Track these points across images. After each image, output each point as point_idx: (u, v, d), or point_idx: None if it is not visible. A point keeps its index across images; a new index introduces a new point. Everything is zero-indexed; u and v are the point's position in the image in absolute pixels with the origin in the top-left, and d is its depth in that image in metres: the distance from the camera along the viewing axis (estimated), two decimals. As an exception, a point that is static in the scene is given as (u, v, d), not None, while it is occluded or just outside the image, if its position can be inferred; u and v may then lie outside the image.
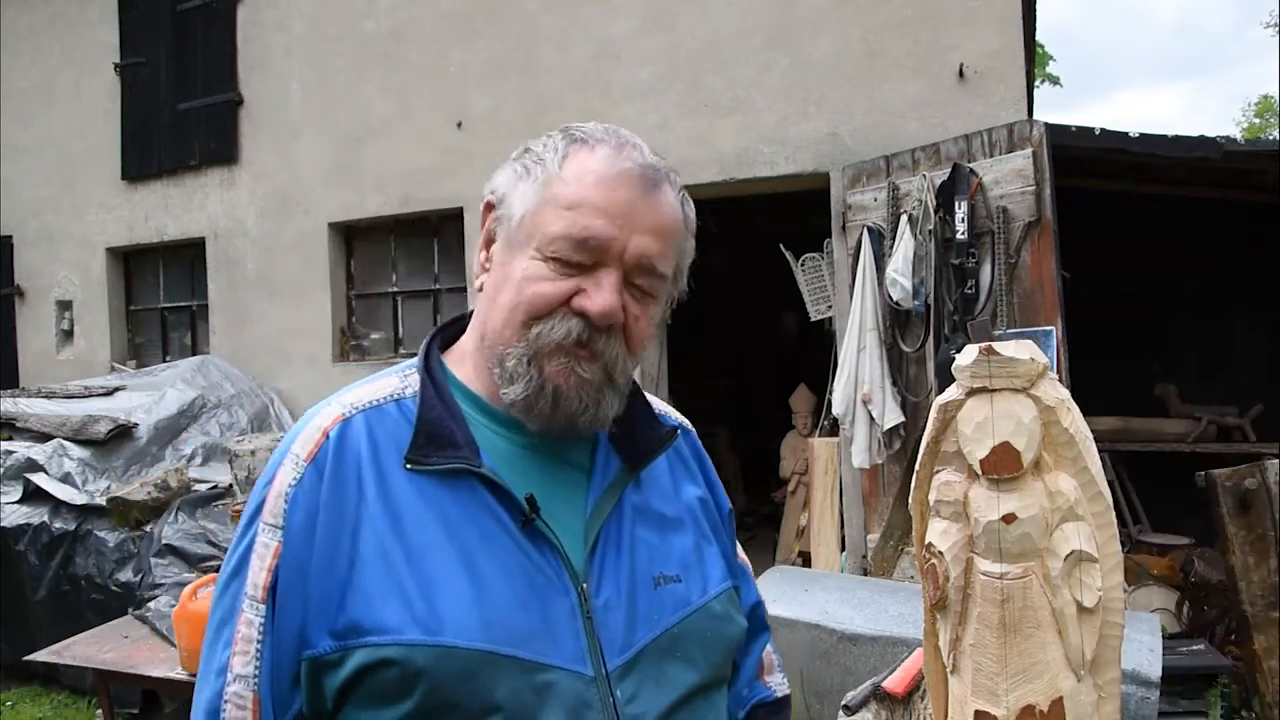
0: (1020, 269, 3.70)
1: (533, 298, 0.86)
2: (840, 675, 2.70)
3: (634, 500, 0.95)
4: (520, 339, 0.86)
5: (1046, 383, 0.88)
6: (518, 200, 0.89)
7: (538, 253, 0.86)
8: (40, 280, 7.45)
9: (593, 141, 0.90)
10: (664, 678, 0.88)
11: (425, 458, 0.84)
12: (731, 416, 7.86)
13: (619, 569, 0.89)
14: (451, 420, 0.87)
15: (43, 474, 4.58)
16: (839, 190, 4.48)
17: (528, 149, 0.93)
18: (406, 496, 0.83)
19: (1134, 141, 3.88)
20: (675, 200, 0.93)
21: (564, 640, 0.82)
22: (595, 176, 0.87)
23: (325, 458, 0.84)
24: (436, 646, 0.77)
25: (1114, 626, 0.87)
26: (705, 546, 0.99)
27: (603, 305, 0.85)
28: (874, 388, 4.02)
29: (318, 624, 0.79)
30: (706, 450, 1.13)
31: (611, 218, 0.86)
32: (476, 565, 0.82)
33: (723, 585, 0.98)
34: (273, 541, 0.81)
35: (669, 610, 0.90)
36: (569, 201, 0.86)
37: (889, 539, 3.98)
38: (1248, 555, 3.29)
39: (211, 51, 6.63)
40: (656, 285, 0.91)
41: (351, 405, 0.88)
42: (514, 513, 0.85)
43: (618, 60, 5.27)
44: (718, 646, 0.95)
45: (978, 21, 4.42)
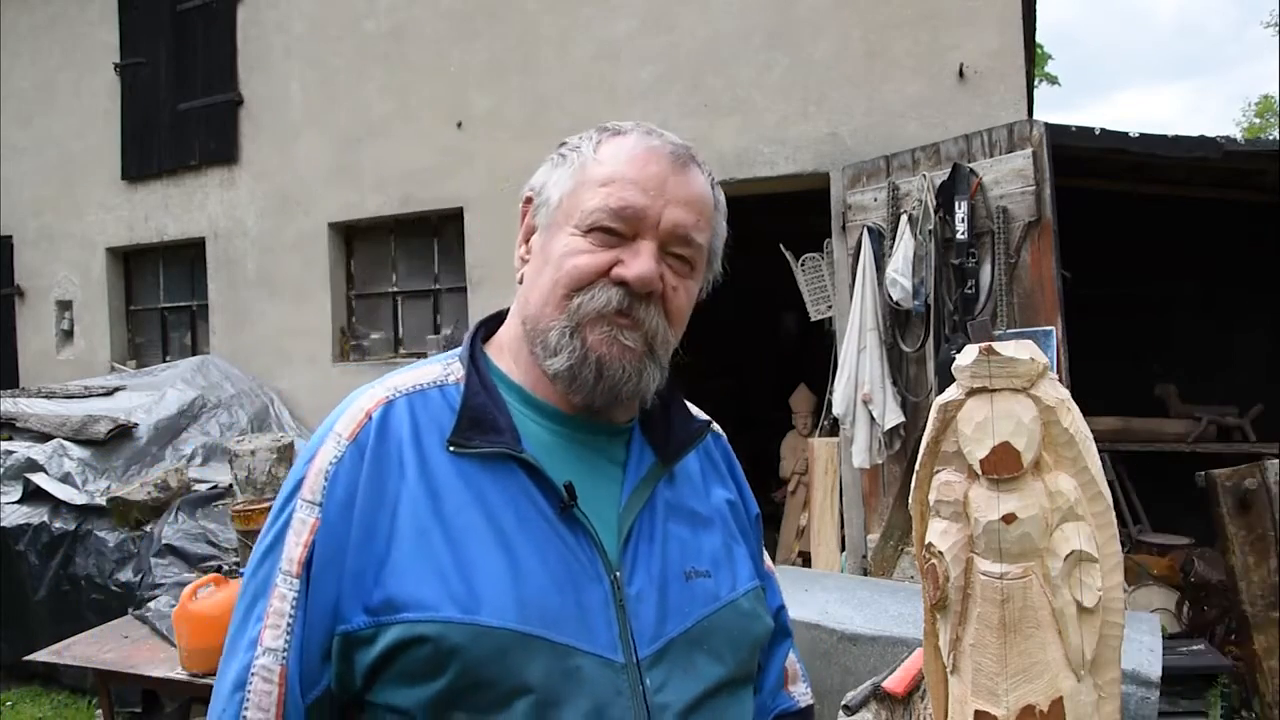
0: (1020, 269, 3.70)
1: (572, 269, 0.88)
2: (840, 675, 2.69)
3: (666, 496, 0.97)
4: (562, 311, 0.89)
5: (1046, 383, 0.88)
6: (554, 186, 0.93)
7: (576, 229, 0.89)
8: (40, 280, 7.45)
9: (624, 130, 0.94)
10: (692, 669, 0.89)
11: (468, 441, 0.86)
12: (731, 417, 7.81)
13: (651, 561, 0.91)
14: (494, 407, 0.89)
15: (43, 474, 4.58)
16: (839, 190, 4.48)
17: (563, 143, 0.97)
18: (447, 478, 0.85)
19: (1134, 141, 3.88)
20: (705, 179, 0.96)
21: (597, 627, 0.84)
22: (628, 154, 0.91)
23: (368, 437, 0.85)
24: (472, 625, 0.78)
25: (1114, 626, 0.87)
26: (734, 546, 1.01)
27: (640, 271, 0.87)
28: (874, 388, 4.02)
29: (353, 600, 0.80)
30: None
31: (645, 189, 0.89)
32: (514, 548, 0.83)
33: (751, 583, 1.00)
34: (310, 518, 0.82)
35: (699, 604, 0.92)
36: (604, 178, 0.89)
37: (889, 539, 3.98)
38: (1248, 555, 3.29)
39: (211, 51, 6.63)
40: (694, 256, 0.93)
41: (395, 388, 0.90)
42: (552, 499, 0.87)
43: (618, 60, 5.27)
44: (745, 643, 0.96)
45: (978, 21, 4.42)
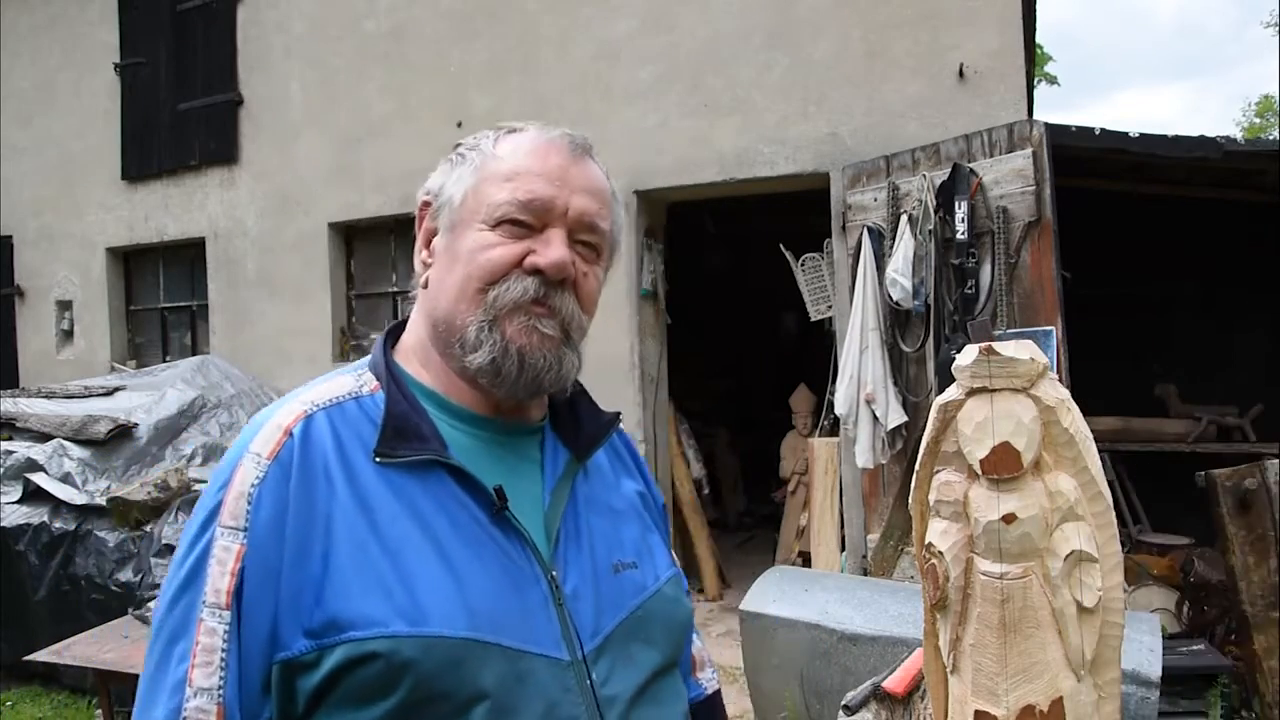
0: (1020, 269, 3.70)
1: (485, 262, 0.88)
2: (840, 675, 2.69)
3: (584, 491, 0.98)
4: (478, 306, 0.88)
5: (1046, 383, 0.88)
6: (455, 185, 0.93)
7: (484, 224, 0.89)
8: (40, 280, 7.45)
9: (521, 128, 0.95)
10: (632, 659, 0.91)
11: (394, 450, 0.84)
12: (731, 417, 7.86)
13: (581, 558, 0.92)
14: (416, 415, 0.88)
15: (43, 474, 4.58)
16: (839, 190, 4.48)
17: (459, 144, 0.97)
18: (377, 490, 0.83)
19: (1134, 141, 3.88)
20: (601, 170, 0.97)
21: (541, 627, 0.84)
22: (529, 148, 0.92)
23: (291, 454, 0.82)
24: (423, 637, 0.77)
25: (1114, 626, 0.87)
26: (650, 536, 1.04)
27: (554, 258, 0.88)
28: (877, 388, 4.02)
29: (290, 624, 0.78)
30: (707, 451, 1.17)
31: (550, 180, 0.90)
32: (452, 556, 0.82)
33: (670, 571, 1.03)
34: (234, 544, 0.79)
35: (629, 595, 0.94)
36: (508, 173, 0.90)
37: (889, 539, 3.98)
38: (1248, 555, 3.28)
39: (211, 51, 6.63)
40: (599, 242, 0.95)
41: (312, 403, 0.88)
42: (482, 504, 0.86)
43: (618, 61, 5.27)
44: (674, 628, 0.99)
45: (978, 21, 4.42)
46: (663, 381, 5.58)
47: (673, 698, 0.98)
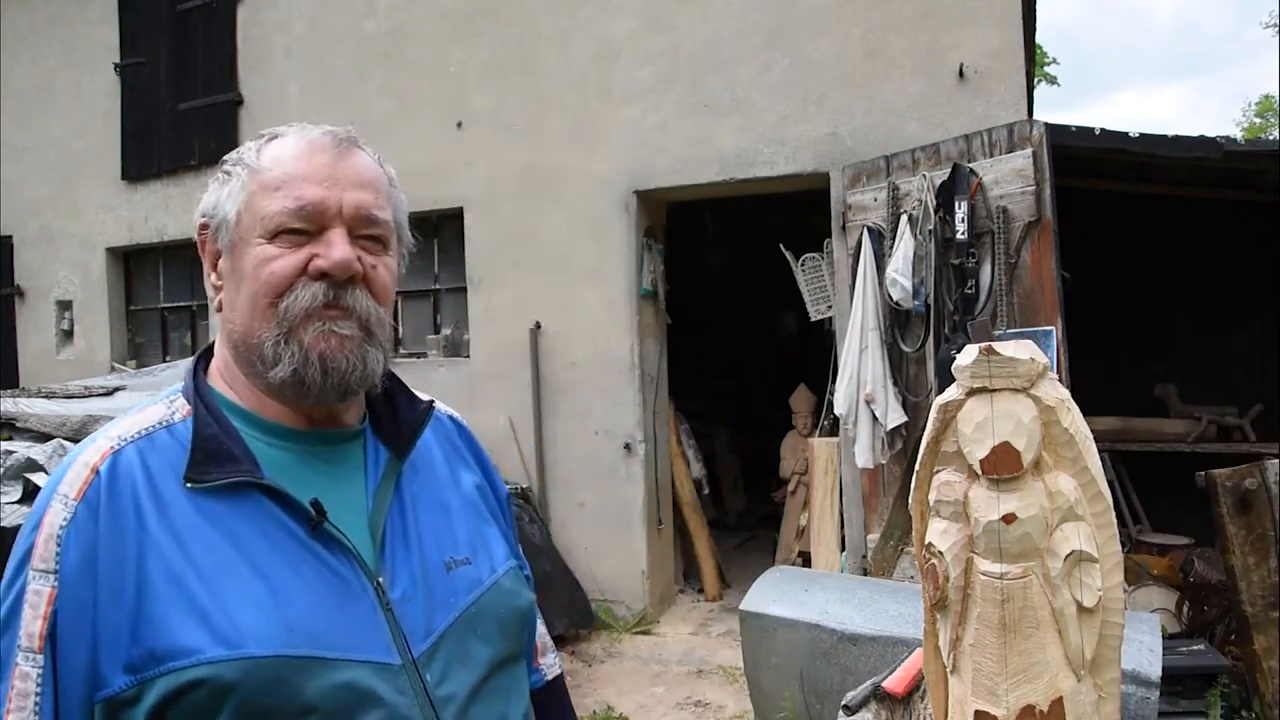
0: (1020, 269, 3.70)
1: (269, 275, 0.88)
2: (840, 675, 2.69)
3: (412, 489, 0.98)
4: (269, 320, 0.88)
5: (1046, 383, 0.88)
6: (227, 204, 0.92)
7: (262, 238, 0.89)
8: (40, 280, 7.44)
9: (281, 133, 0.94)
10: (468, 657, 0.92)
11: (205, 475, 0.85)
12: (731, 417, 7.86)
13: (410, 559, 0.92)
14: (226, 436, 0.88)
15: (43, 474, 4.58)
16: (839, 190, 4.48)
17: (223, 161, 0.96)
18: (190, 518, 0.83)
19: (1134, 141, 3.88)
20: (373, 159, 0.97)
21: (367, 635, 0.85)
22: (292, 153, 0.91)
23: (98, 493, 0.82)
24: (241, 659, 0.78)
25: (1114, 626, 0.87)
26: (486, 529, 1.05)
27: (336, 258, 0.88)
28: (876, 388, 4.02)
29: (109, 661, 0.78)
30: (707, 451, 1.17)
31: (318, 181, 0.89)
32: (270, 576, 0.83)
33: (509, 563, 1.04)
34: (45, 587, 0.79)
35: (463, 591, 0.95)
36: (276, 182, 0.89)
37: (889, 539, 3.98)
38: (1248, 555, 3.28)
39: (211, 51, 6.63)
40: (383, 233, 0.94)
41: (119, 438, 0.87)
42: (300, 520, 0.87)
43: (618, 60, 5.27)
44: (512, 621, 1.00)
45: (978, 21, 4.42)
46: (663, 381, 5.58)
47: (515, 692, 0.99)
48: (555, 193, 5.40)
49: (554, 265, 5.40)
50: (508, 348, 5.50)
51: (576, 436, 5.37)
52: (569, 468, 5.39)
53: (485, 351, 5.59)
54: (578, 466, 5.36)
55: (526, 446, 5.43)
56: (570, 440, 5.38)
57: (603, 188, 5.27)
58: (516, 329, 5.47)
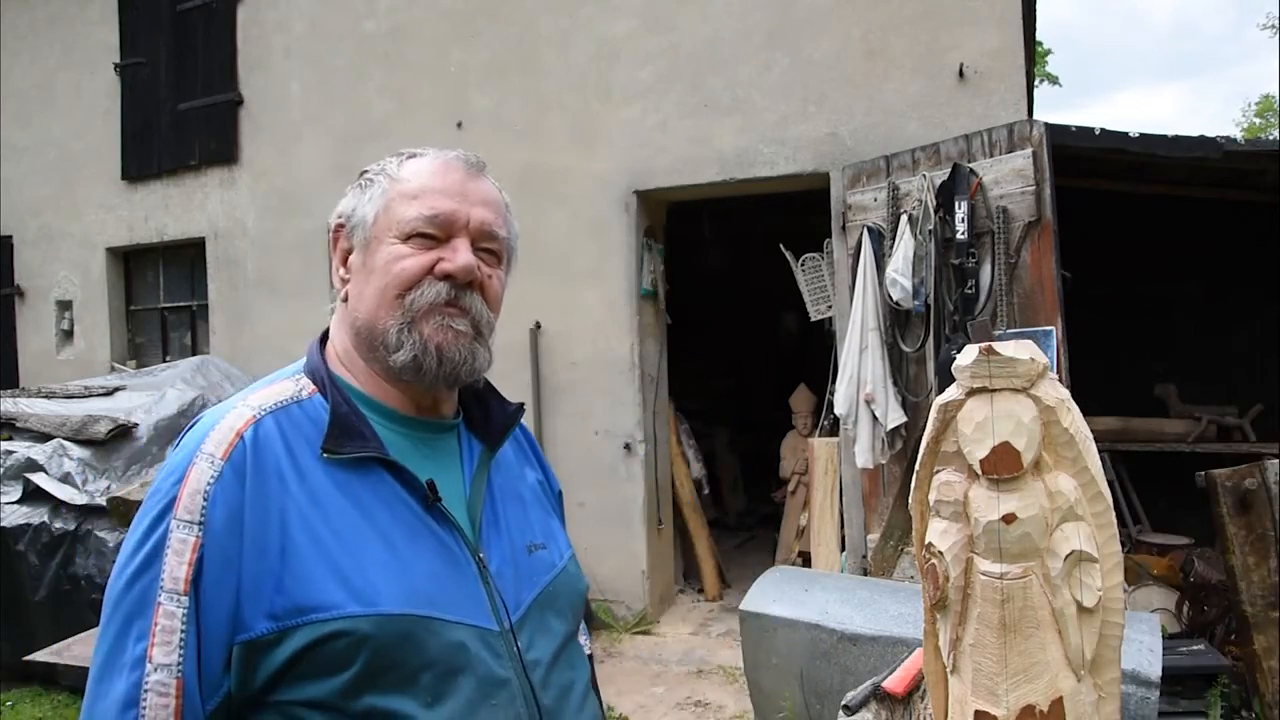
0: (1020, 269, 3.70)
1: (400, 272, 0.99)
2: (840, 675, 2.69)
3: (497, 480, 1.10)
4: (396, 310, 0.99)
5: (1046, 383, 0.88)
6: (367, 208, 1.03)
7: (396, 238, 1.00)
8: (40, 280, 7.44)
9: (420, 153, 1.06)
10: (548, 628, 1.04)
11: (341, 447, 0.94)
12: (731, 416, 7.86)
13: (500, 540, 1.04)
14: (356, 416, 0.98)
15: (43, 474, 4.58)
16: (839, 190, 4.48)
17: (364, 171, 1.07)
18: (326, 487, 0.92)
19: (1134, 141, 3.88)
20: (495, 186, 1.10)
21: (473, 603, 0.96)
22: (430, 169, 1.03)
23: (244, 456, 0.90)
24: (376, 615, 0.87)
25: (1114, 626, 0.87)
26: (551, 520, 1.18)
27: (461, 262, 1.00)
28: (876, 388, 4.02)
29: (253, 609, 0.85)
30: (707, 451, 1.23)
31: (451, 195, 1.02)
32: (395, 543, 0.93)
33: (569, 551, 1.16)
34: (190, 537, 0.86)
35: (542, 572, 1.07)
36: (414, 192, 1.01)
37: (889, 539, 3.98)
38: (1248, 555, 3.28)
39: (211, 51, 6.63)
40: (500, 249, 1.07)
41: (259, 407, 0.96)
42: (417, 497, 0.97)
43: (618, 60, 5.27)
44: (577, 601, 1.14)
45: (978, 21, 4.42)
46: (663, 381, 5.58)
47: (580, 661, 1.12)
48: (555, 193, 5.40)
49: (554, 265, 5.40)
50: (508, 348, 5.50)
51: (576, 436, 5.37)
52: (569, 468, 5.39)
53: (485, 351, 5.59)
54: (578, 466, 5.35)
55: (526, 446, 5.43)
56: (570, 440, 5.38)
57: (603, 188, 5.27)
58: (516, 329, 5.47)
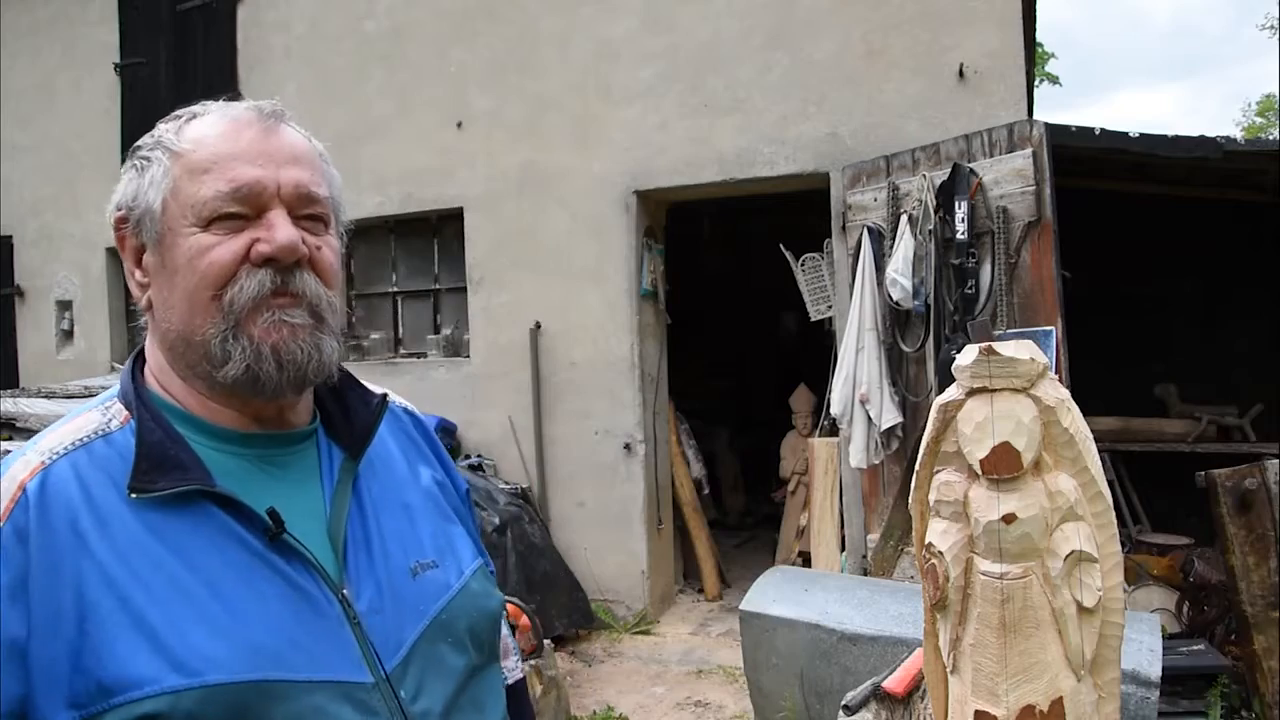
0: (1020, 269, 3.70)
1: (209, 267, 0.80)
2: (840, 675, 2.69)
3: (372, 490, 0.92)
4: (214, 314, 0.81)
5: (1046, 383, 0.88)
6: (150, 192, 0.83)
7: (195, 225, 0.81)
8: (40, 280, 7.45)
9: (201, 112, 0.87)
10: (441, 667, 0.87)
11: (152, 483, 0.77)
12: (731, 416, 7.86)
13: (374, 567, 0.86)
14: (172, 442, 0.81)
15: (43, 474, 4.57)
16: (839, 190, 4.48)
17: (137, 148, 0.87)
18: (136, 535, 0.76)
19: (1134, 141, 3.88)
20: (301, 134, 0.90)
21: (335, 653, 0.79)
22: (216, 131, 0.83)
23: (26, 513, 0.74)
24: (201, 688, 0.71)
25: (1114, 626, 0.87)
26: (450, 528, 0.99)
27: (282, 240, 0.81)
28: (871, 388, 4.02)
29: (47, 698, 0.70)
30: (707, 451, 1.13)
31: (252, 160, 0.82)
32: (227, 594, 0.76)
33: (475, 563, 0.98)
34: None
35: (431, 598, 0.89)
36: (204, 164, 0.82)
37: (889, 539, 3.98)
38: (1248, 555, 3.28)
39: (211, 51, 6.63)
40: (323, 212, 0.88)
41: (50, 451, 0.79)
42: (257, 531, 0.80)
43: (618, 61, 5.27)
44: (484, 625, 0.95)
45: (978, 21, 4.42)
46: (663, 381, 5.58)
47: (492, 699, 0.94)
48: (555, 193, 5.40)
49: (554, 265, 5.40)
50: (507, 348, 5.50)
51: (576, 436, 5.37)
52: (569, 468, 5.39)
53: (485, 351, 5.59)
54: (578, 466, 5.36)
55: (526, 446, 5.43)
56: (570, 440, 5.38)
57: (603, 188, 5.27)
58: (516, 329, 5.47)
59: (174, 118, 0.87)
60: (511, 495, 5.06)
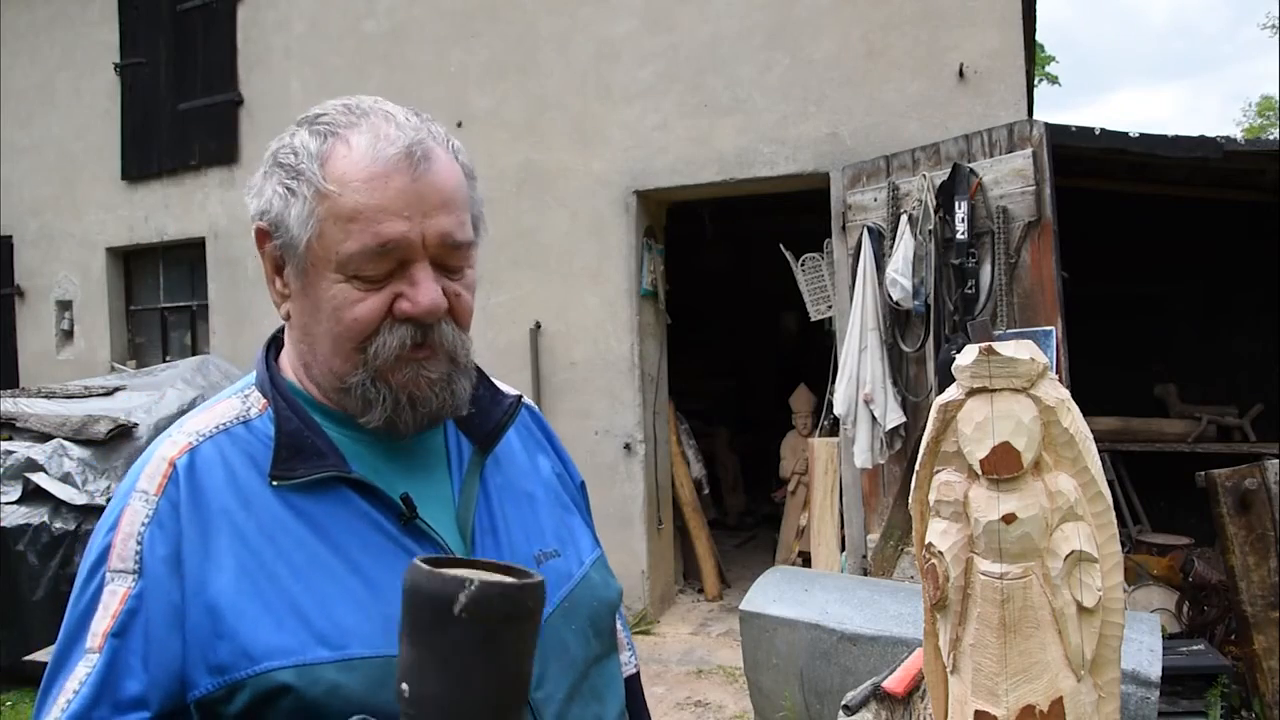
0: (1020, 269, 3.70)
1: (353, 324, 0.81)
2: (840, 675, 2.69)
3: (496, 480, 0.94)
4: (357, 365, 0.83)
5: (1046, 383, 0.88)
6: (294, 225, 0.82)
7: (339, 274, 0.81)
8: (40, 280, 7.45)
9: (342, 130, 0.82)
10: (565, 653, 0.88)
11: (291, 471, 0.80)
12: (731, 416, 7.86)
13: (500, 554, 0.88)
14: (309, 431, 0.84)
15: (43, 474, 4.58)
16: (839, 190, 4.48)
17: (278, 160, 0.85)
18: (278, 515, 0.79)
19: (1134, 141, 3.88)
20: (450, 158, 0.86)
21: None
22: (364, 175, 0.79)
23: (177, 489, 0.79)
24: (344, 660, 0.74)
25: (1114, 626, 0.87)
26: (570, 518, 1.01)
27: (428, 303, 0.81)
28: (875, 388, 4.02)
29: (197, 662, 0.74)
30: (707, 451, 1.12)
31: (398, 213, 0.79)
32: (365, 573, 0.79)
33: (594, 553, 0.99)
34: (120, 588, 0.75)
35: (555, 585, 0.89)
36: (349, 213, 0.79)
37: (889, 539, 3.98)
38: (1248, 555, 3.28)
39: (211, 51, 6.63)
40: (466, 255, 0.86)
41: (196, 433, 0.83)
42: (390, 515, 0.83)
43: (618, 60, 5.27)
44: (604, 613, 0.96)
45: (978, 21, 4.42)
46: (663, 381, 5.58)
47: (611, 690, 0.95)
48: (555, 192, 5.40)
49: (554, 265, 5.40)
50: (508, 348, 5.50)
51: (576, 436, 5.37)
52: (569, 468, 5.39)
53: (485, 351, 5.59)
54: (578, 466, 5.35)
55: (526, 446, 5.43)
56: (570, 440, 5.33)
57: (603, 188, 5.27)
58: (516, 329, 5.47)
59: (315, 133, 0.83)
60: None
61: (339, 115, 0.84)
